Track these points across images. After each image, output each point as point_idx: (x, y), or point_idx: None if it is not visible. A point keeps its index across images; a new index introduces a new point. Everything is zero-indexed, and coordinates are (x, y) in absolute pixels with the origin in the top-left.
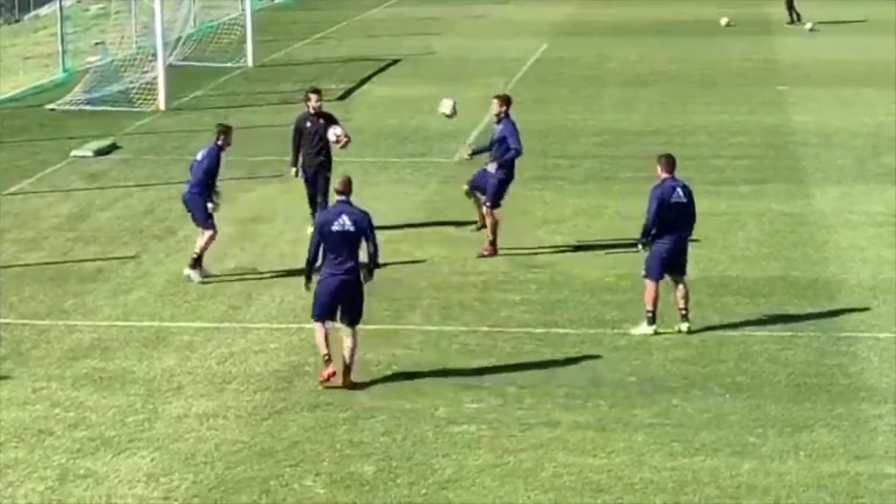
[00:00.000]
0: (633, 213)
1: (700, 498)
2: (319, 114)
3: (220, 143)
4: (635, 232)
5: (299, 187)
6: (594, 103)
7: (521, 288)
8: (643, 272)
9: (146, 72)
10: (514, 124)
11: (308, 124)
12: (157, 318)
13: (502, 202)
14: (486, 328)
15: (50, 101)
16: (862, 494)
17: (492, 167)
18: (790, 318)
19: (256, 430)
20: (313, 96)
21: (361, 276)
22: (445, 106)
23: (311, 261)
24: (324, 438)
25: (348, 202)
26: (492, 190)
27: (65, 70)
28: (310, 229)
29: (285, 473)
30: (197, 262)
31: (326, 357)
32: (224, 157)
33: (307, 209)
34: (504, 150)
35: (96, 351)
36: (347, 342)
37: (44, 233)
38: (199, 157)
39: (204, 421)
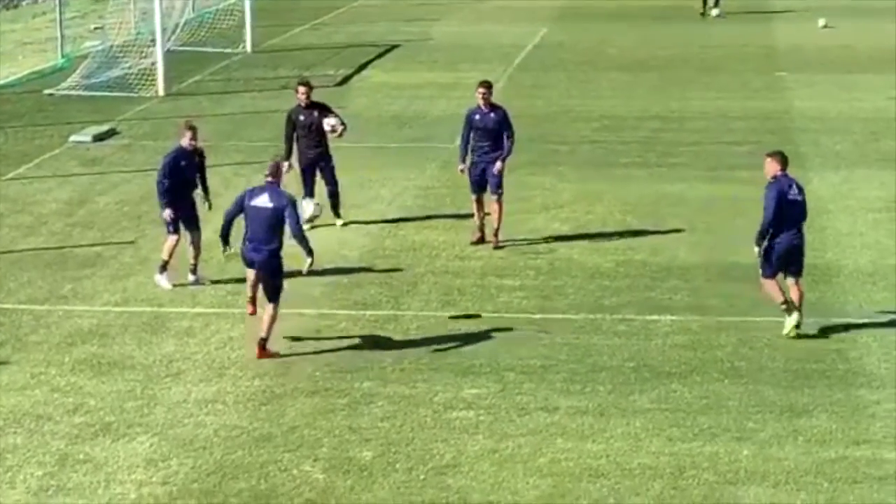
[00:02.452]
0: (631, 199)
1: (698, 483)
2: (312, 104)
3: (184, 143)
4: (634, 218)
5: (294, 173)
6: (593, 89)
7: (519, 274)
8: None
9: (145, 57)
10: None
11: (302, 117)
12: (156, 303)
13: None
14: (485, 314)
15: (48, 87)
16: (860, 479)
17: (499, 166)
18: None
19: (255, 416)
20: (301, 89)
21: (278, 255)
22: (307, 210)
23: (224, 226)
24: (322, 424)
25: (275, 185)
26: (501, 178)
27: (63, 55)
28: (339, 222)
29: (284, 458)
30: (164, 267)
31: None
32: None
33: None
34: (508, 139)
35: (95, 336)
36: (266, 313)
37: (42, 218)
38: None
39: (203, 406)
